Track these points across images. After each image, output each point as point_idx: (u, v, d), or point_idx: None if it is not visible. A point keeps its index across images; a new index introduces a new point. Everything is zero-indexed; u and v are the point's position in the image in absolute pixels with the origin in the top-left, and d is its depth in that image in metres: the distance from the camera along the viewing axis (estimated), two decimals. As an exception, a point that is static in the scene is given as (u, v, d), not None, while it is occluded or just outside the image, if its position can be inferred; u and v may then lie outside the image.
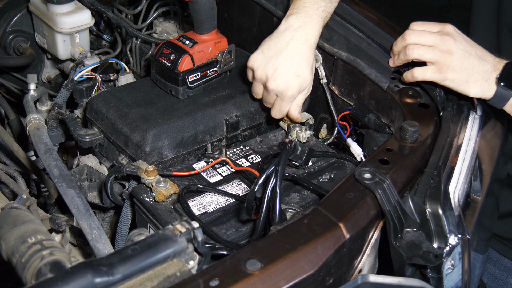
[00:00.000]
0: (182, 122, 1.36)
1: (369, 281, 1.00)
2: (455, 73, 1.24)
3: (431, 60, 1.26)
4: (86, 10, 1.62)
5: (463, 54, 1.24)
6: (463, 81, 1.24)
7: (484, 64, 1.24)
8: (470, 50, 1.25)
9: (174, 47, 1.41)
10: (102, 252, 1.12)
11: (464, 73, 1.24)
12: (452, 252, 1.06)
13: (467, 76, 1.24)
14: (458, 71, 1.24)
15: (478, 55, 1.25)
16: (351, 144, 1.36)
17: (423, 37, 1.27)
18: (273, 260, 0.91)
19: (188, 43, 1.40)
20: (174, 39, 1.44)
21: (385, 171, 1.10)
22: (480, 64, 1.24)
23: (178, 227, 0.91)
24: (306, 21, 1.32)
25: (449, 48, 1.24)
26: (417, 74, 1.29)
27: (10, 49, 1.73)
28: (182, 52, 1.38)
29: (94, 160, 1.46)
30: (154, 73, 1.44)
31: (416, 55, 1.27)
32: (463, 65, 1.23)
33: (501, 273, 1.78)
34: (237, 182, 1.27)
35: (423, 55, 1.26)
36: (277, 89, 1.30)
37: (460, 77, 1.24)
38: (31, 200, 1.35)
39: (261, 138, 1.45)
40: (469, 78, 1.24)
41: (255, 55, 1.32)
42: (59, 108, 1.52)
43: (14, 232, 0.95)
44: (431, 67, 1.26)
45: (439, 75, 1.25)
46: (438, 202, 1.06)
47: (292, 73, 1.29)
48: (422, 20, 1.32)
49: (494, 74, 1.23)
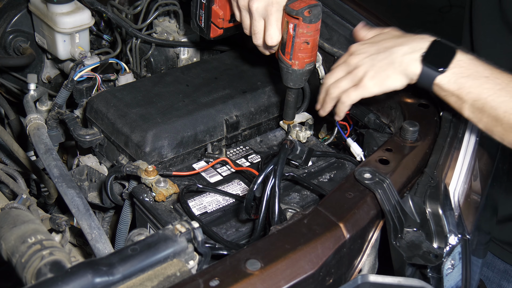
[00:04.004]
0: (182, 122, 1.36)
1: (369, 281, 1.00)
2: (372, 78, 1.20)
3: (350, 84, 1.23)
4: (86, 10, 1.63)
5: (371, 58, 1.20)
6: (384, 78, 1.19)
7: (399, 50, 1.18)
8: (378, 49, 1.21)
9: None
10: (102, 252, 1.12)
11: (381, 71, 1.19)
12: (452, 252, 1.06)
13: (384, 72, 1.19)
14: (374, 75, 1.20)
15: (389, 47, 1.20)
16: (351, 144, 1.36)
17: (335, 73, 1.27)
18: (273, 260, 0.91)
19: None
20: None
21: (385, 171, 1.10)
22: (392, 53, 1.18)
23: (178, 227, 0.91)
24: None
25: (356, 63, 1.22)
26: (344, 99, 1.24)
27: (10, 49, 1.73)
28: None
29: (94, 160, 1.46)
30: None
31: (337, 91, 1.25)
32: (376, 66, 1.19)
33: (495, 276, 1.78)
34: (237, 182, 1.27)
35: (342, 86, 1.24)
36: (261, 6, 1.27)
37: (379, 77, 1.19)
38: (31, 200, 1.35)
39: (261, 138, 1.45)
40: (388, 72, 1.18)
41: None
42: (59, 108, 1.52)
43: (14, 232, 0.95)
44: (353, 88, 1.23)
45: (362, 90, 1.21)
46: (438, 202, 1.06)
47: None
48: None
49: (416, 55, 1.17)
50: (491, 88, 1.09)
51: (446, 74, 1.13)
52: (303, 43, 1.27)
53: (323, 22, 1.49)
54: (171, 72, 1.56)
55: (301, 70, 1.31)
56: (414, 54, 1.16)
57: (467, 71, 1.12)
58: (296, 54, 1.28)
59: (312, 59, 1.31)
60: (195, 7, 1.46)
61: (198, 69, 1.57)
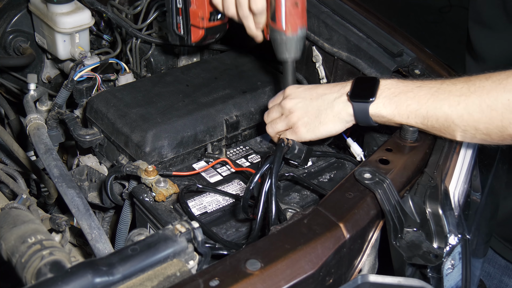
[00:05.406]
0: (182, 122, 1.36)
1: (369, 281, 1.00)
2: (306, 125, 1.23)
3: (284, 127, 1.27)
4: (86, 10, 1.63)
5: (304, 104, 1.23)
6: (316, 125, 1.22)
7: (329, 96, 1.21)
8: (311, 95, 1.24)
9: None
10: (102, 252, 1.12)
11: (313, 118, 1.22)
12: (452, 252, 1.06)
13: (317, 118, 1.22)
14: (307, 121, 1.23)
15: (321, 93, 1.23)
16: (351, 144, 1.36)
17: (271, 114, 1.30)
18: (273, 260, 0.91)
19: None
20: None
21: (385, 171, 1.10)
22: (324, 100, 1.22)
23: (178, 227, 0.91)
24: None
25: (290, 108, 1.25)
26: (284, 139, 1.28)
27: (10, 49, 1.73)
28: None
29: (94, 160, 1.46)
30: None
31: (273, 132, 1.29)
32: (309, 113, 1.22)
33: (496, 271, 1.78)
34: (237, 182, 1.27)
35: (277, 128, 1.28)
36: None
37: (312, 124, 1.22)
38: (31, 200, 1.35)
39: (261, 138, 1.45)
40: (321, 119, 1.21)
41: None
42: (59, 108, 1.52)
43: (14, 232, 0.95)
44: (289, 131, 1.27)
45: (296, 135, 1.25)
46: (438, 202, 1.06)
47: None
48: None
49: (344, 97, 1.20)
50: (427, 93, 1.11)
51: (377, 101, 1.15)
52: (293, 4, 1.27)
53: (323, 22, 1.49)
54: (171, 72, 1.57)
55: (295, 36, 1.31)
56: (342, 97, 1.20)
57: (397, 90, 1.15)
58: (288, 19, 1.28)
59: (304, 23, 1.32)
60: (171, 16, 1.45)
61: (198, 69, 1.57)
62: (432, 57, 1.45)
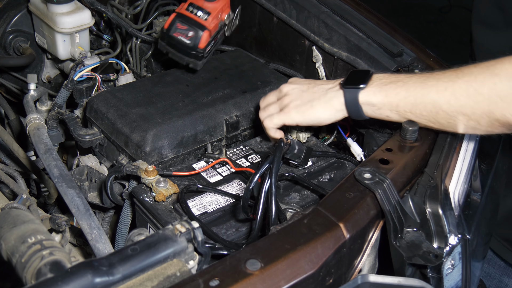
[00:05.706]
0: (182, 122, 1.36)
1: (369, 281, 1.00)
2: (297, 107, 1.25)
3: (277, 110, 1.29)
4: (86, 10, 1.63)
5: (300, 90, 1.26)
6: (307, 108, 1.23)
7: (325, 86, 1.25)
8: (309, 83, 1.27)
9: (189, 21, 1.40)
10: (102, 252, 1.12)
11: (306, 102, 1.24)
12: (452, 252, 1.06)
13: (309, 102, 1.23)
14: (299, 104, 1.25)
15: (318, 83, 1.27)
16: (351, 144, 1.36)
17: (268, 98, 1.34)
18: (273, 260, 0.91)
19: (201, 15, 1.39)
20: (184, 10, 1.42)
21: (385, 171, 1.10)
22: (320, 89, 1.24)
23: (178, 227, 0.91)
24: None
25: (286, 91, 1.28)
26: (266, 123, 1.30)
27: (10, 49, 1.73)
28: (201, 28, 1.39)
29: (94, 160, 1.46)
30: (166, 45, 1.45)
31: (268, 121, 1.30)
32: (303, 97, 1.25)
33: (496, 272, 1.78)
34: (237, 182, 1.27)
35: (270, 111, 1.30)
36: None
37: (304, 107, 1.24)
38: (31, 200, 1.35)
39: (261, 138, 1.45)
40: (312, 103, 1.23)
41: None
42: (59, 108, 1.52)
43: (14, 232, 0.95)
44: (278, 113, 1.28)
45: (285, 116, 1.26)
46: (438, 202, 1.06)
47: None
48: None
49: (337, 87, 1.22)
50: (416, 81, 1.13)
51: (368, 89, 1.17)
52: None
53: (323, 22, 1.49)
54: (171, 72, 1.56)
55: None
56: (336, 86, 1.22)
57: (388, 80, 1.17)
58: None
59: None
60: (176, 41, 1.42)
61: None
62: (432, 57, 1.45)
